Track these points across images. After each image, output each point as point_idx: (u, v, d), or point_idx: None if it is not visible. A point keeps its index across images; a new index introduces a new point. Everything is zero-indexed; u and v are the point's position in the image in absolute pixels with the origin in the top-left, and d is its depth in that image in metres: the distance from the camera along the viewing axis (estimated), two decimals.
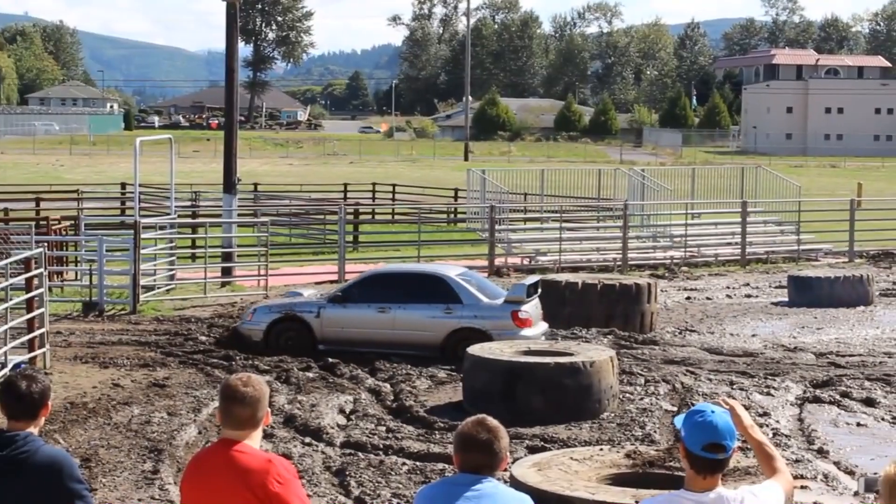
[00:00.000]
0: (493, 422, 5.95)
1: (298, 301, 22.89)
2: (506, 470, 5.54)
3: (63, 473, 6.38)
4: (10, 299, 19.02)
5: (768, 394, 18.62)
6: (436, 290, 22.06)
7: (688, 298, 30.19)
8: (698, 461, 5.51)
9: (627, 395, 18.26)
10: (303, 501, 5.98)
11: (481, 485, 5.86)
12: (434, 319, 21.82)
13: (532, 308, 22.01)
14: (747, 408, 17.36)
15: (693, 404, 16.04)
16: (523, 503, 5.98)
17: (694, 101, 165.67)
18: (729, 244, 38.66)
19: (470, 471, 5.90)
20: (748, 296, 30.88)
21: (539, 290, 22.91)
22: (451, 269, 23.41)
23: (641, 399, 18.13)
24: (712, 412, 5.52)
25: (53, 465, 6.38)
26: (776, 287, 31.98)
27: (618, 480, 10.72)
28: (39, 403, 6.48)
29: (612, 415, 17.02)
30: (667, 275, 34.17)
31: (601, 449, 12.04)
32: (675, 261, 36.56)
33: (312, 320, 22.25)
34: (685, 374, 19.84)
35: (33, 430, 6.47)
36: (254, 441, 6.06)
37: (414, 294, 22.10)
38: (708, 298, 30.28)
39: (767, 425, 16.54)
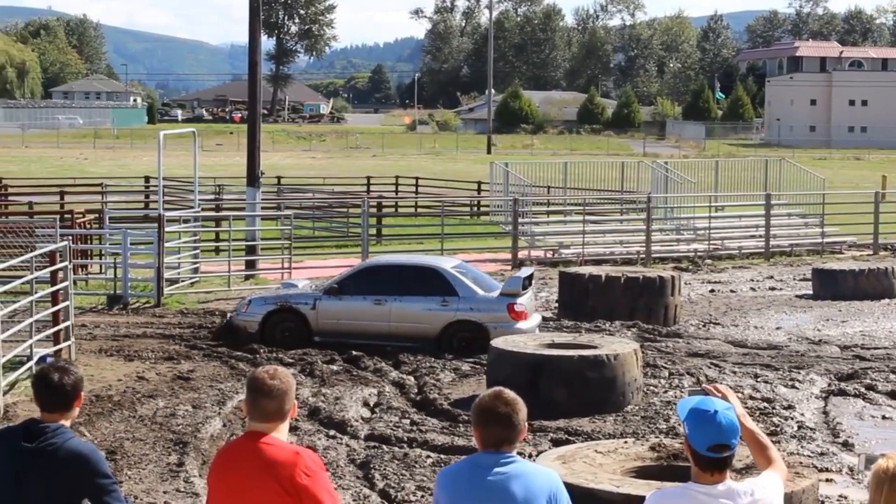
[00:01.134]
0: (510, 394, 5.98)
1: (294, 293, 22.88)
2: (525, 441, 5.55)
3: (89, 467, 6.40)
4: (36, 292, 19.09)
5: (793, 387, 18.58)
6: (432, 283, 22.09)
7: (712, 291, 30.13)
8: (704, 460, 5.50)
9: (651, 387, 18.25)
10: (330, 494, 5.99)
11: (507, 465, 5.88)
12: (430, 312, 21.84)
13: (527, 301, 22.12)
14: (771, 401, 17.36)
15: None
16: (551, 480, 5.98)
17: (718, 92, 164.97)
18: (753, 237, 38.57)
19: (491, 446, 5.93)
20: (772, 288, 30.81)
21: (533, 283, 23.05)
22: (447, 262, 23.43)
23: (665, 392, 18.12)
24: (716, 411, 5.48)
25: (80, 459, 6.39)
26: (800, 280, 31.91)
27: (642, 473, 10.71)
28: (72, 395, 6.51)
29: (637, 408, 17.01)
30: (690, 267, 34.11)
31: (626, 442, 12.03)
32: (698, 253, 36.49)
33: (308, 312, 22.27)
34: (709, 367, 19.81)
35: (66, 422, 6.49)
36: (281, 433, 6.07)
37: (410, 286, 22.11)
38: (732, 291, 30.21)
39: (792, 418, 16.52)
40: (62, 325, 19.85)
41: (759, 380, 18.90)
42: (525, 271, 23.06)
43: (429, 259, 24.70)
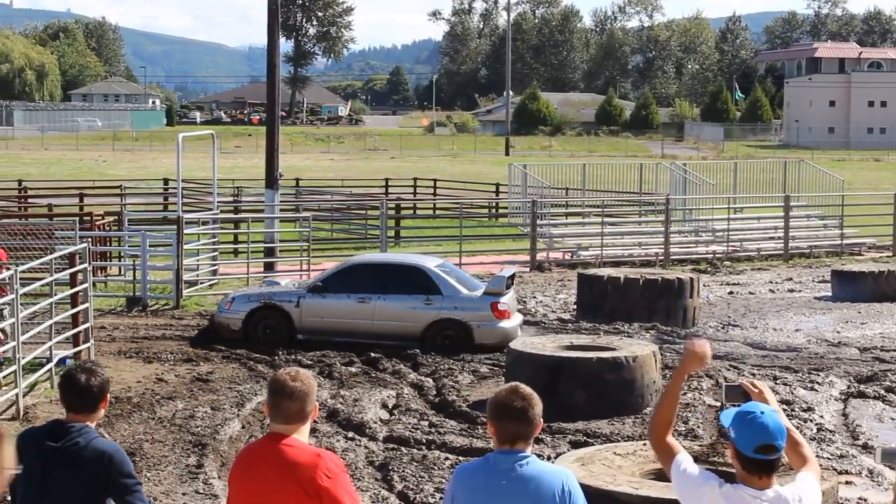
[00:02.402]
0: (526, 389, 6.03)
1: (278, 290, 22.98)
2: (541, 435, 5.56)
3: (114, 466, 6.42)
4: (55, 294, 19.14)
5: (812, 389, 18.54)
6: (416, 281, 22.26)
7: (730, 293, 30.08)
8: (751, 463, 5.47)
9: None
10: (351, 496, 6.01)
11: (522, 464, 5.92)
12: (414, 310, 22.00)
13: (509, 300, 22.25)
14: (790, 402, 17.31)
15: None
16: (565, 478, 6.00)
17: (737, 93, 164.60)
18: (772, 238, 38.51)
19: (507, 441, 5.98)
20: (791, 290, 30.75)
21: (514, 283, 23.30)
22: (431, 260, 23.61)
23: (684, 394, 18.07)
24: (762, 412, 5.47)
25: (104, 458, 6.42)
26: (819, 282, 31.83)
27: (661, 475, 10.68)
28: (98, 397, 6.54)
29: None
30: (709, 269, 34.06)
31: (645, 444, 12.01)
32: (717, 255, 36.43)
33: (292, 310, 22.37)
34: (728, 369, 19.77)
35: (91, 423, 6.51)
36: (302, 435, 6.09)
37: (394, 285, 22.28)
38: (751, 293, 30.16)
39: (811, 420, 16.49)
40: (82, 327, 19.90)
41: (778, 382, 18.86)
42: (507, 271, 23.22)
43: (413, 258, 24.87)
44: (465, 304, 21.94)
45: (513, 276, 23.17)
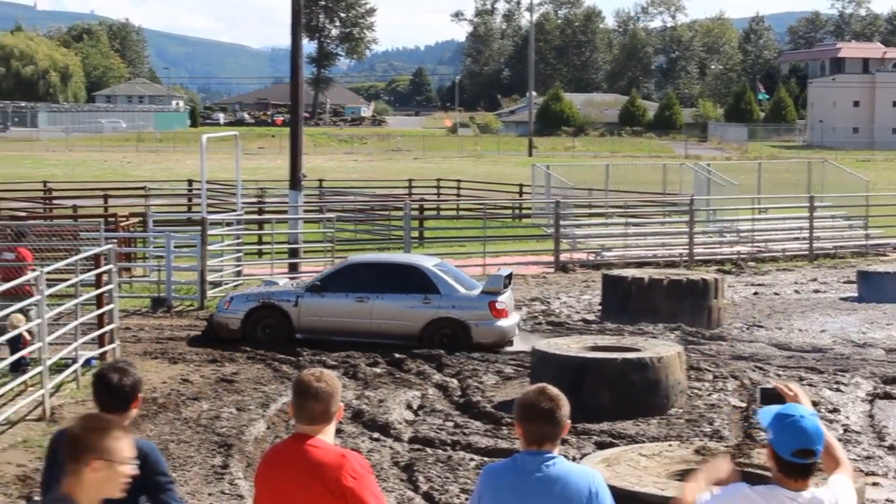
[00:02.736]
0: (554, 390, 6.03)
1: (276, 290, 23.06)
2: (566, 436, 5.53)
3: (148, 464, 6.43)
4: (81, 295, 19.19)
5: (838, 390, 18.47)
6: (414, 280, 22.33)
7: (755, 294, 30.00)
8: (788, 466, 5.43)
9: (695, 390, 18.17)
10: (376, 497, 6.00)
11: (549, 465, 5.92)
12: (412, 309, 22.08)
13: (507, 299, 22.34)
14: (816, 404, 17.25)
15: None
16: (593, 479, 6.00)
17: (761, 93, 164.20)
18: (796, 239, 38.39)
19: (534, 442, 5.98)
20: (816, 291, 30.64)
21: (511, 282, 23.35)
22: (428, 260, 23.74)
23: (710, 395, 18.04)
24: (802, 416, 5.44)
25: (139, 456, 6.42)
26: (845, 282, 31.71)
27: (687, 476, 10.67)
28: (131, 396, 6.55)
29: (681, 411, 16.95)
30: (734, 270, 33.98)
31: (670, 445, 12.00)
32: (741, 256, 36.34)
33: (290, 309, 22.43)
34: (753, 370, 19.71)
35: (124, 423, 6.52)
36: (327, 436, 6.09)
37: (392, 284, 22.36)
38: (776, 294, 30.07)
39: (837, 421, 16.43)
40: (107, 328, 19.95)
41: (803, 383, 18.78)
42: (505, 270, 23.34)
43: (410, 257, 25.10)
44: (462, 302, 22.01)
45: (510, 276, 23.26)
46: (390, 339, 21.89)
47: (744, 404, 17.32)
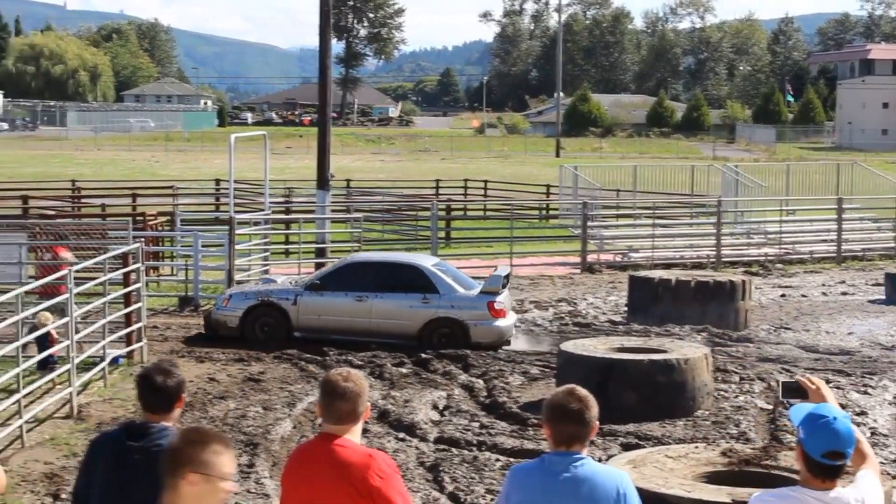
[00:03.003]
0: (582, 391, 6.04)
1: (275, 288, 23.08)
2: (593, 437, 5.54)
3: None
4: (109, 294, 19.27)
5: (865, 392, 18.41)
6: (413, 280, 22.38)
7: (783, 296, 29.91)
8: (817, 466, 5.42)
9: (722, 392, 18.13)
10: (403, 496, 6.01)
11: (577, 466, 5.92)
12: (411, 309, 22.14)
13: (505, 299, 22.41)
14: (843, 406, 17.19)
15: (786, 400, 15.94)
16: (620, 480, 6.00)
17: (788, 96, 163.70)
18: (824, 241, 38.24)
19: (563, 443, 5.98)
20: (844, 293, 30.52)
21: (509, 282, 23.50)
22: (427, 259, 23.82)
23: (736, 397, 18.00)
24: (835, 418, 5.41)
25: None
26: (873, 285, 31.59)
27: (714, 478, 10.64)
28: (175, 397, 6.57)
29: (707, 412, 16.91)
30: (761, 272, 33.88)
31: (696, 447, 11.96)
32: (769, 258, 36.23)
33: (289, 307, 22.47)
34: (780, 372, 19.65)
35: (168, 423, 6.54)
36: (354, 435, 6.10)
37: (391, 283, 22.43)
38: (803, 296, 29.98)
39: (864, 424, 16.36)
40: (134, 327, 20.04)
41: (830, 385, 18.71)
42: (503, 270, 23.41)
43: (410, 256, 25.08)
44: (461, 302, 22.07)
45: (508, 276, 23.34)
46: (389, 338, 21.97)
47: (770, 406, 17.27)
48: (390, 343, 21.76)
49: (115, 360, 19.22)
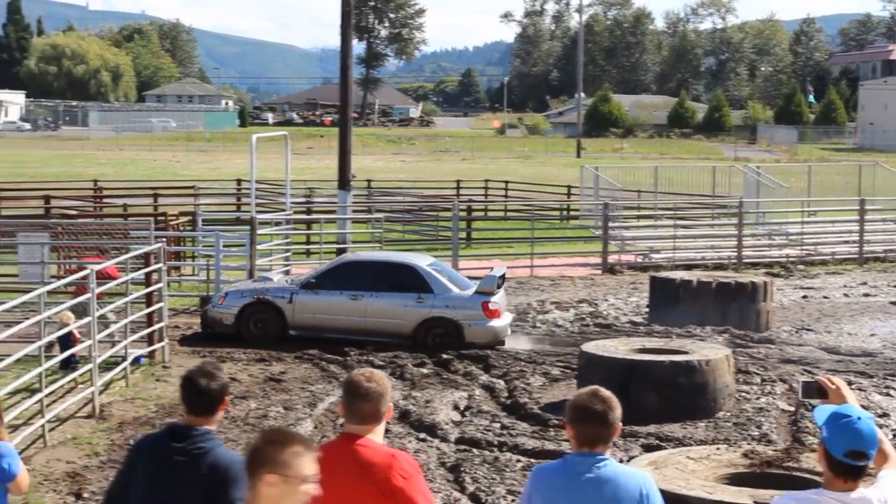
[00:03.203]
0: (606, 392, 6.04)
1: (271, 286, 23.20)
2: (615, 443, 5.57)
3: (230, 479, 6.37)
4: (130, 294, 19.32)
5: (888, 394, 18.37)
6: (407, 280, 22.49)
7: (804, 297, 29.83)
8: (838, 466, 5.41)
9: (743, 394, 18.09)
10: (426, 496, 6.01)
11: (600, 467, 5.92)
12: (406, 308, 22.24)
13: (500, 299, 22.46)
14: (865, 408, 17.12)
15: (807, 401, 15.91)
16: (643, 481, 6.00)
17: (811, 96, 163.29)
18: (846, 242, 38.12)
19: (586, 444, 5.99)
20: (866, 295, 30.42)
21: (505, 282, 23.56)
22: (422, 259, 23.85)
23: (758, 398, 17.96)
24: (858, 418, 5.41)
25: (229, 469, 6.37)
26: (895, 286, 31.50)
27: (735, 480, 10.62)
28: (218, 400, 6.58)
29: (728, 414, 16.88)
30: (783, 273, 33.79)
31: (718, 448, 11.94)
32: (791, 259, 36.14)
33: (285, 306, 22.58)
34: (802, 374, 19.60)
35: (211, 426, 6.55)
36: (376, 436, 6.11)
37: (386, 283, 22.53)
38: (825, 297, 29.89)
39: (887, 426, 16.32)
40: (156, 326, 20.08)
41: (852, 387, 18.64)
42: (498, 270, 23.40)
43: (405, 256, 25.12)
44: (455, 302, 22.15)
45: (503, 276, 23.40)
46: (384, 337, 22.10)
47: (792, 408, 17.23)
48: (384, 342, 21.90)
49: (136, 360, 19.27)
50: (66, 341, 18.11)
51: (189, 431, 6.48)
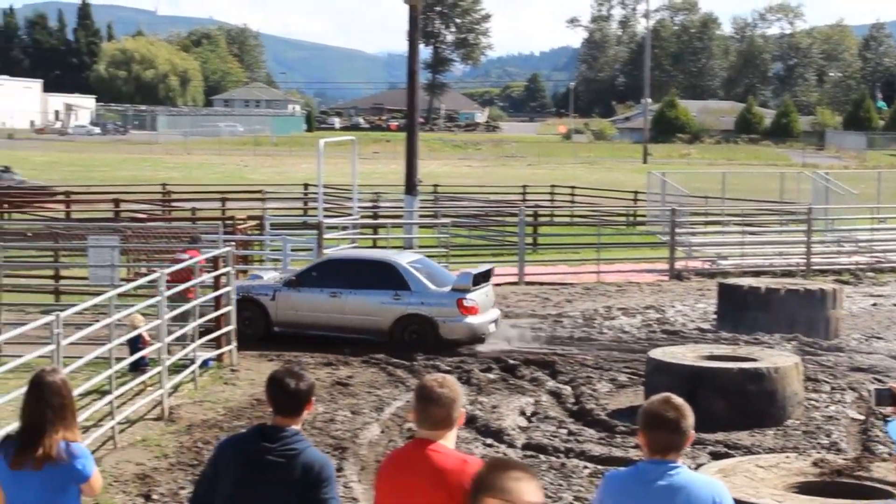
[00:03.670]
0: (679, 400, 6.03)
1: (256, 284, 23.60)
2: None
3: (324, 479, 6.44)
4: (199, 297, 19.45)
5: None
6: (386, 277, 22.71)
7: (874, 305, 29.55)
8: None
9: (812, 402, 17.96)
10: None
11: (672, 475, 5.91)
12: (382, 305, 22.49)
13: (479, 296, 22.58)
14: None
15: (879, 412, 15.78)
16: (716, 489, 5.98)
17: (879, 102, 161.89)
18: None
19: (658, 451, 5.98)
20: None
21: (491, 279, 23.72)
22: (404, 257, 24.08)
23: (827, 407, 17.82)
24: None
25: (322, 469, 6.45)
26: None
27: (805, 489, 10.55)
28: (305, 400, 6.64)
29: (797, 422, 16.75)
30: (852, 280, 33.49)
31: (787, 456, 11.86)
32: (860, 266, 35.82)
33: (268, 303, 22.96)
34: (872, 382, 19.41)
35: (297, 426, 6.60)
36: (448, 441, 6.11)
37: (365, 280, 22.79)
38: (894, 305, 29.60)
39: None
40: (224, 330, 20.20)
41: None
42: (482, 268, 23.61)
43: (385, 254, 25.53)
44: (431, 299, 22.34)
45: (489, 273, 23.61)
46: (362, 334, 22.40)
47: (862, 417, 17.08)
48: (362, 339, 22.20)
49: (204, 363, 19.40)
50: (136, 344, 18.25)
51: (279, 432, 6.53)
